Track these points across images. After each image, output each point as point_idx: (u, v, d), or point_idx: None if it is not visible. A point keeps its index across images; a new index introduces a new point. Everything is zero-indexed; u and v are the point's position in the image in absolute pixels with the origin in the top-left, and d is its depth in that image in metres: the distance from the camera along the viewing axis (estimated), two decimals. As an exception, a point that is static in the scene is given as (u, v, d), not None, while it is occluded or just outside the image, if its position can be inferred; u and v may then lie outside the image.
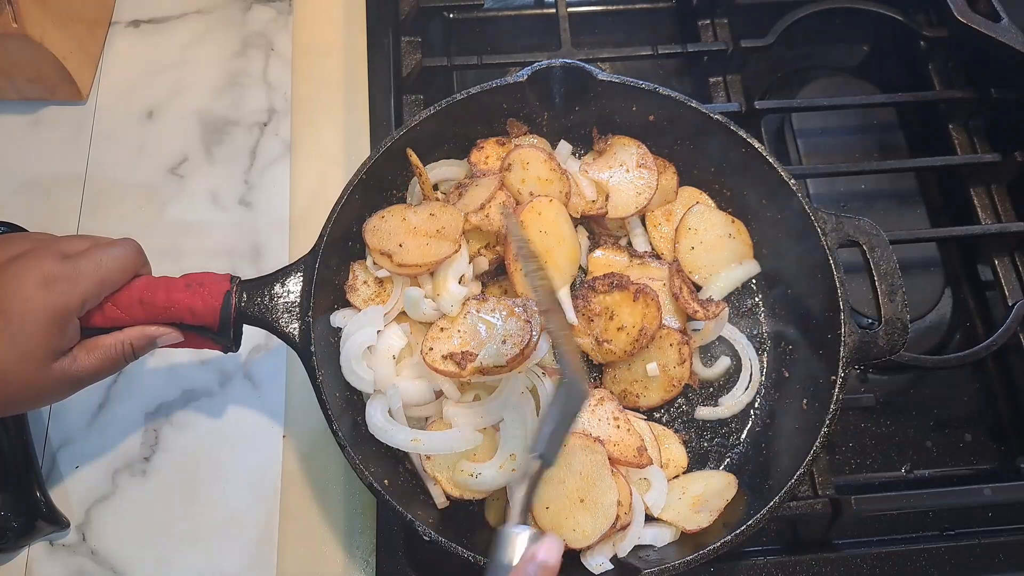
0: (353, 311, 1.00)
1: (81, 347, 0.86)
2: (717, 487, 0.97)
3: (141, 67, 1.32)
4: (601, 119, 1.12)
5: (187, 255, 1.19)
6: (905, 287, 0.97)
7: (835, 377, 0.94)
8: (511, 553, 0.74)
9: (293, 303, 0.94)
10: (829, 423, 0.91)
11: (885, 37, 1.38)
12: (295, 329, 0.93)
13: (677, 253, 1.09)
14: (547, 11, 1.35)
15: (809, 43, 1.37)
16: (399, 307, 1.00)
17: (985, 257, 1.22)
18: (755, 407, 1.05)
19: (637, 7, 1.39)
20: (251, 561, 1.03)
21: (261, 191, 1.24)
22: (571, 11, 1.31)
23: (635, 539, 0.92)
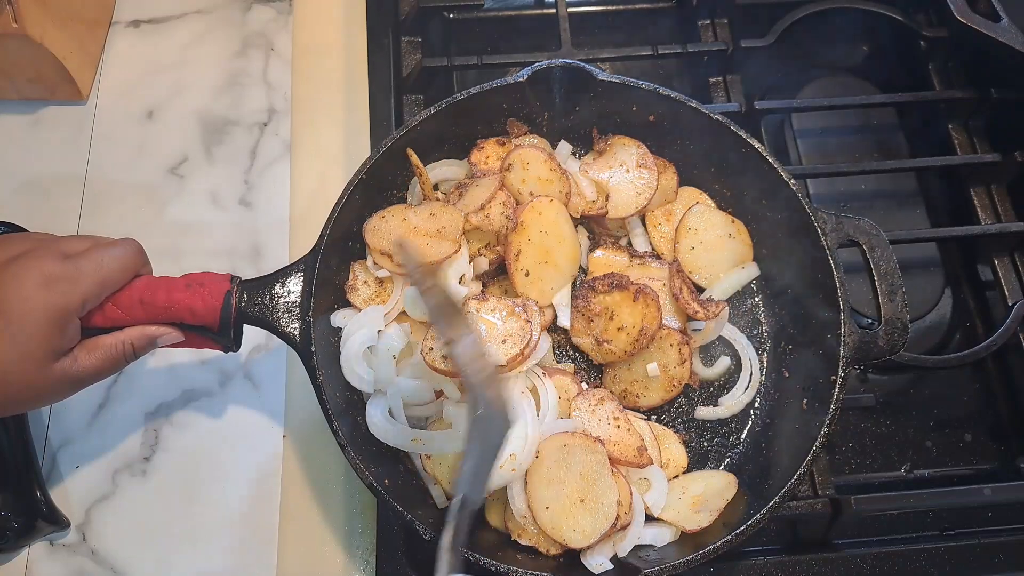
0: (353, 311, 1.00)
1: (82, 347, 0.86)
2: (717, 487, 0.97)
3: (141, 67, 1.32)
4: (601, 119, 1.12)
5: (187, 255, 1.19)
6: (905, 287, 0.97)
7: (835, 377, 0.94)
8: None
9: (293, 303, 0.94)
10: (829, 423, 0.91)
11: (885, 37, 1.38)
12: (295, 329, 0.93)
13: (677, 253, 1.09)
14: (547, 11, 1.35)
15: (809, 43, 1.37)
16: (399, 307, 1.00)
17: (985, 257, 1.22)
18: (755, 407, 1.05)
19: (637, 7, 1.39)
20: (251, 561, 1.03)
21: (261, 191, 1.24)
22: (571, 11, 1.30)
23: (635, 539, 0.92)
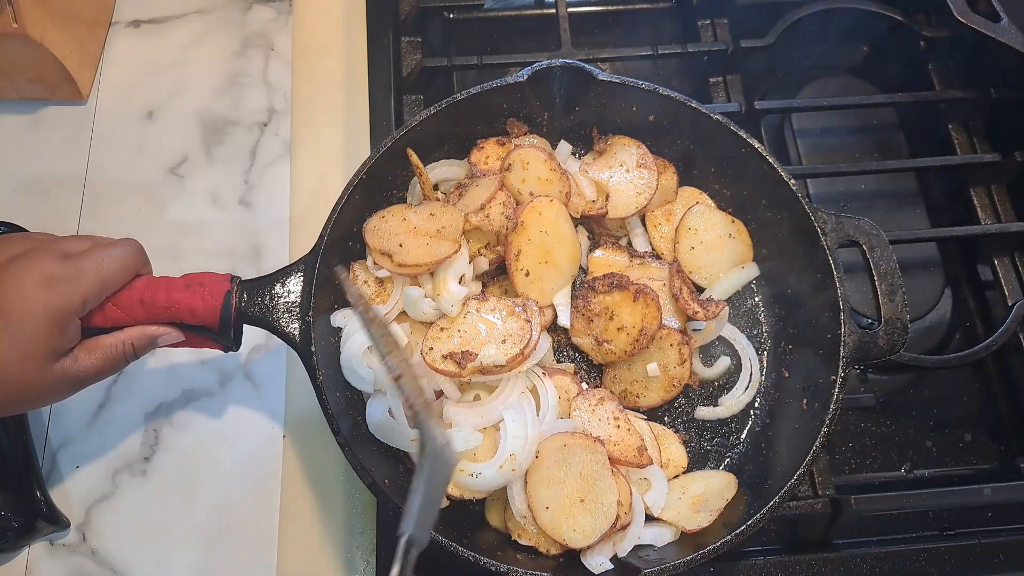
0: (353, 311, 1.00)
1: (82, 347, 0.86)
2: (717, 487, 0.97)
3: (141, 67, 1.32)
4: (601, 119, 1.12)
5: (187, 255, 1.19)
6: (905, 287, 0.97)
7: (835, 377, 0.94)
8: None
9: (293, 303, 0.94)
10: (829, 423, 0.91)
11: (885, 37, 1.38)
12: (295, 329, 0.93)
13: (677, 253, 1.09)
14: (547, 11, 1.35)
15: (809, 43, 1.37)
16: (399, 307, 1.00)
17: (985, 257, 1.22)
18: (755, 407, 1.05)
19: (637, 7, 1.39)
20: (251, 561, 1.03)
21: (261, 191, 1.24)
22: (571, 11, 1.31)
23: (635, 539, 0.92)
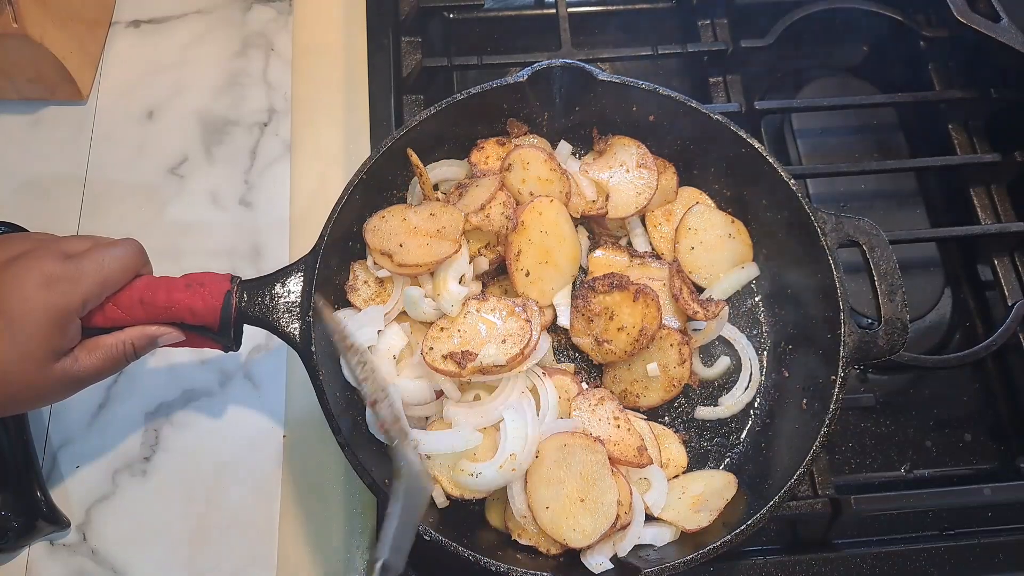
0: (353, 311, 1.00)
1: (82, 347, 0.86)
2: (717, 487, 0.97)
3: (141, 67, 1.32)
4: (601, 119, 1.12)
5: (187, 255, 1.19)
6: (905, 287, 0.97)
7: (835, 377, 0.94)
8: None
9: (293, 303, 0.94)
10: (829, 423, 0.91)
11: (885, 37, 1.38)
12: (295, 329, 0.93)
13: (677, 253, 1.09)
14: (547, 11, 1.35)
15: (809, 43, 1.37)
16: (399, 307, 1.00)
17: (985, 257, 1.22)
18: (755, 407, 1.06)
19: (637, 7, 1.39)
20: (251, 561, 1.03)
21: (261, 191, 1.24)
22: (571, 11, 1.31)
23: (635, 539, 0.92)
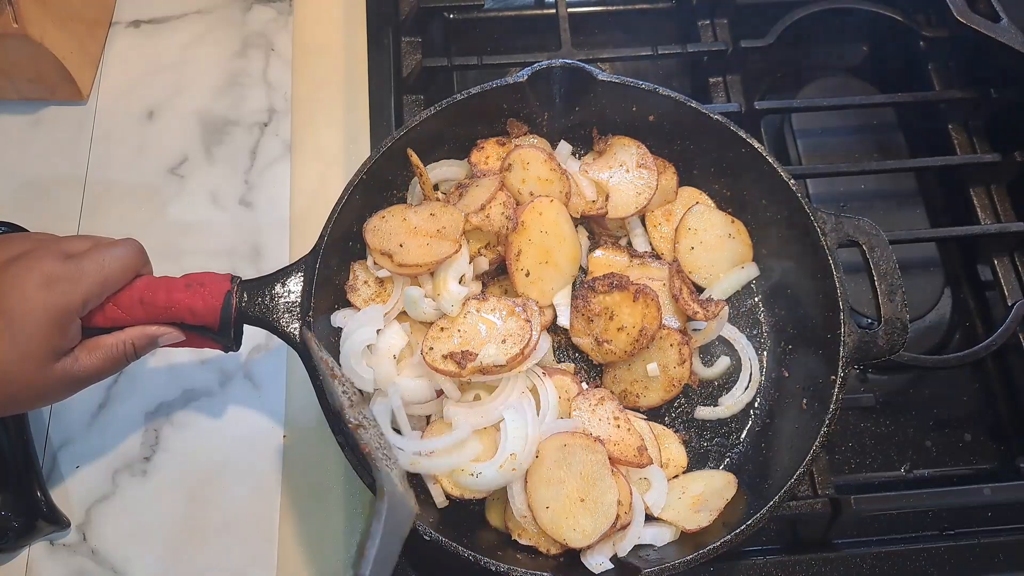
0: (353, 311, 1.00)
1: (82, 347, 0.86)
2: (717, 487, 0.97)
3: (141, 67, 1.32)
4: (601, 119, 1.12)
5: (187, 255, 1.19)
6: (905, 287, 0.97)
7: (835, 377, 0.94)
8: None
9: (294, 303, 0.94)
10: (829, 423, 0.91)
11: (885, 37, 1.38)
12: (295, 329, 0.93)
13: (677, 253, 1.09)
14: (547, 11, 1.35)
15: (809, 43, 1.37)
16: (399, 307, 1.00)
17: (985, 257, 1.22)
18: (755, 407, 1.06)
19: (637, 7, 1.39)
20: (251, 561, 1.03)
21: (261, 191, 1.24)
22: (571, 11, 1.31)
23: (635, 539, 0.92)
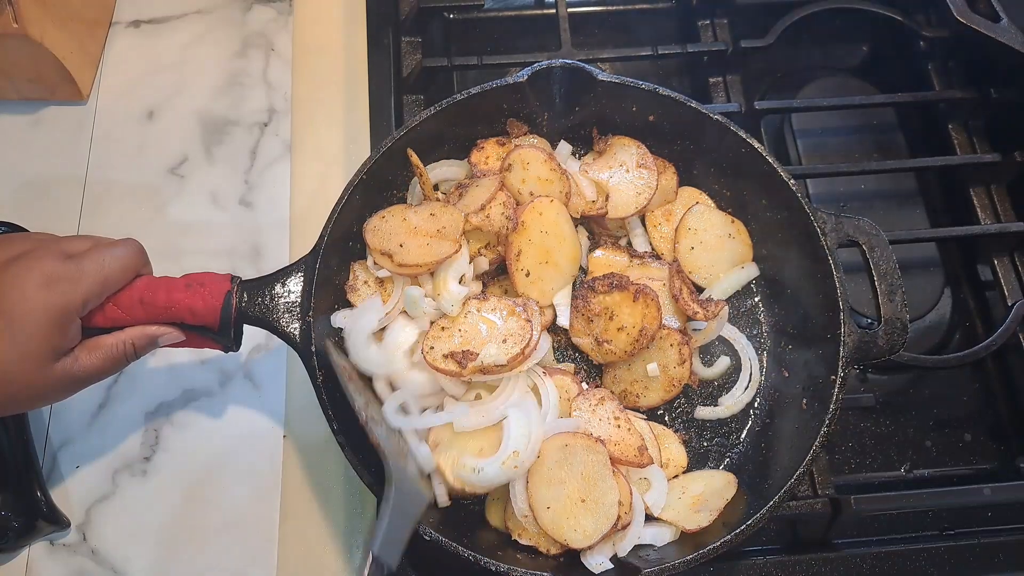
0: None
1: (82, 347, 0.86)
2: (717, 486, 0.97)
3: (141, 67, 1.32)
4: (601, 119, 1.12)
5: (187, 255, 1.19)
6: (905, 287, 0.97)
7: (835, 377, 0.94)
8: None
9: (294, 303, 0.94)
10: (829, 423, 0.91)
11: (885, 37, 1.38)
12: (295, 329, 0.93)
13: (677, 253, 1.09)
14: (547, 11, 1.35)
15: (809, 43, 1.37)
16: (400, 307, 1.00)
17: (985, 257, 1.22)
18: (755, 407, 1.06)
19: (637, 7, 1.39)
20: (251, 561, 1.03)
21: (261, 191, 1.24)
22: (571, 11, 1.31)
23: (635, 539, 0.92)
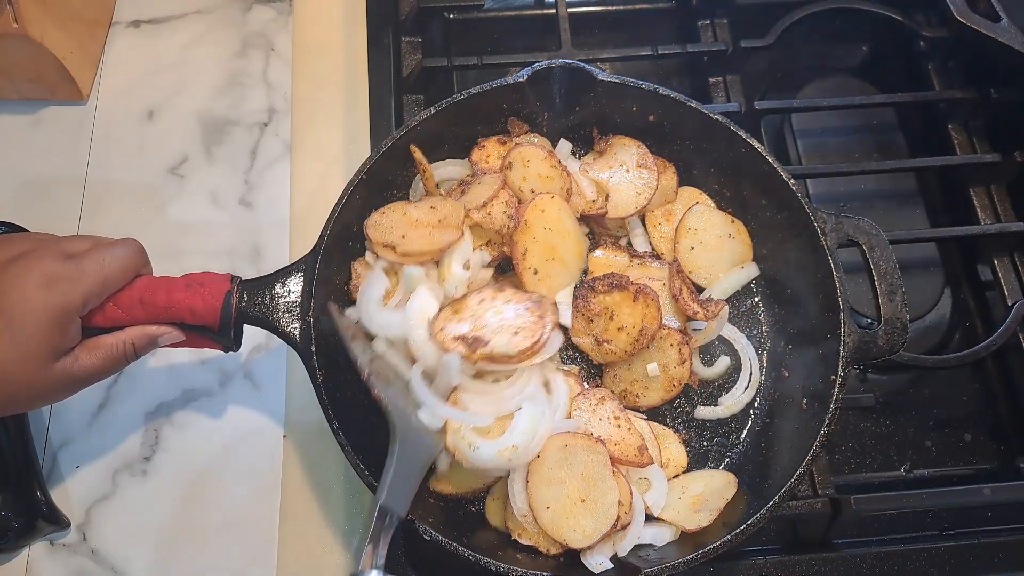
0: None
1: (82, 347, 0.86)
2: (717, 486, 0.97)
3: (141, 67, 1.32)
4: (601, 119, 1.12)
5: (187, 255, 1.19)
6: (905, 287, 0.97)
7: (835, 377, 0.94)
8: None
9: (294, 303, 0.94)
10: (829, 423, 0.91)
11: (885, 37, 1.38)
12: (296, 329, 0.93)
13: (677, 253, 1.09)
14: (547, 11, 1.35)
15: (809, 43, 1.37)
16: (403, 296, 0.98)
17: (985, 257, 1.22)
18: (755, 407, 1.06)
19: (637, 7, 1.39)
20: (251, 561, 1.03)
21: (261, 191, 1.24)
22: (571, 11, 1.30)
23: (635, 539, 0.92)
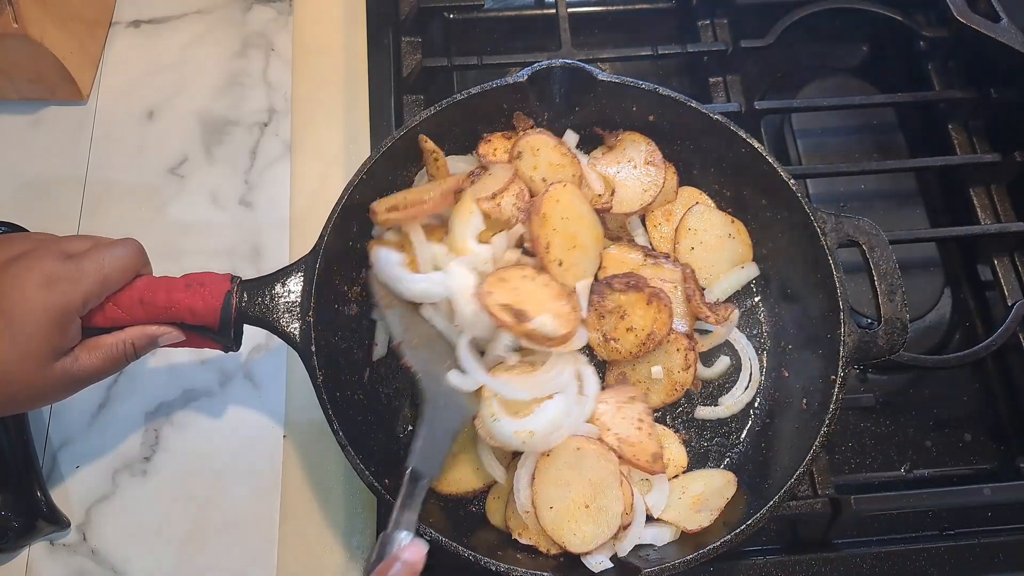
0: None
1: (82, 347, 0.86)
2: (717, 486, 0.97)
3: (141, 67, 1.32)
4: (601, 119, 1.12)
5: (187, 255, 1.19)
6: (905, 287, 0.97)
7: (835, 377, 0.94)
8: (386, 555, 0.79)
9: (294, 303, 0.94)
10: (829, 423, 0.91)
11: (885, 37, 1.38)
12: (296, 329, 0.93)
13: (677, 253, 1.09)
14: (547, 11, 1.35)
15: (809, 43, 1.37)
16: (425, 262, 0.98)
17: (985, 257, 1.22)
18: (755, 407, 1.05)
19: (637, 7, 1.39)
20: (251, 561, 1.03)
21: (261, 191, 1.24)
22: (571, 11, 1.30)
23: (635, 539, 0.92)
